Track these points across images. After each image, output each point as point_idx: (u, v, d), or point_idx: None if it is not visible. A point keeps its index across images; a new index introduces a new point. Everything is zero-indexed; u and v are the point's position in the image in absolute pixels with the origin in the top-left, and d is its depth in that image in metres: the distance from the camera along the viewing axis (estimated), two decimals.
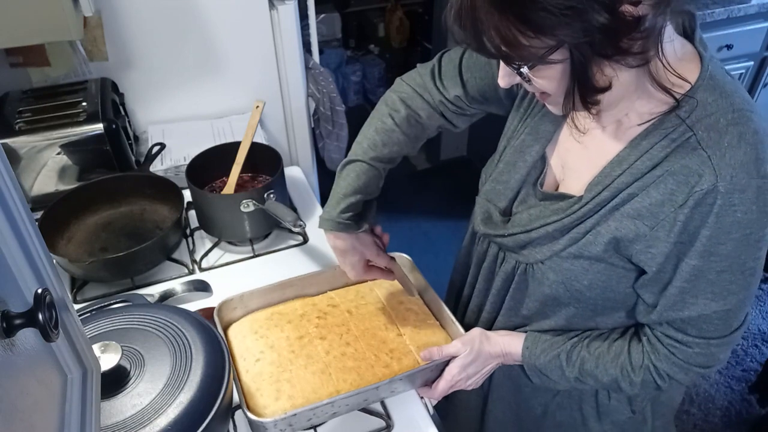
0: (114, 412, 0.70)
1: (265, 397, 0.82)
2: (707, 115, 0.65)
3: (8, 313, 0.38)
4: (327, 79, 1.79)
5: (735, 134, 0.64)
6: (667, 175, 0.67)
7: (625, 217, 0.70)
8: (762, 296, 2.41)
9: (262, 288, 0.97)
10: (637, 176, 0.69)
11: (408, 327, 0.94)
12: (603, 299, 0.78)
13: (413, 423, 0.92)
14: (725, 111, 0.65)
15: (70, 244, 1.22)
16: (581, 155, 0.78)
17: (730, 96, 0.66)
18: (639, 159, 0.69)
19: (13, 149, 1.26)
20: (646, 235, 0.69)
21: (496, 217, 0.86)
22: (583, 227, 0.74)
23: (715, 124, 0.65)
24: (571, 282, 0.77)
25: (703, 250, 0.66)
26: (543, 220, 0.78)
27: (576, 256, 0.75)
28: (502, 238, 0.83)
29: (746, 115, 0.65)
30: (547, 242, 0.78)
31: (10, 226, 0.41)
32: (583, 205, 0.73)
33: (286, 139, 1.81)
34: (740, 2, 2.40)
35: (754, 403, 2.02)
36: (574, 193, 0.77)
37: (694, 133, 0.65)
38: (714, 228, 0.65)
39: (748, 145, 0.63)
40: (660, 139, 0.67)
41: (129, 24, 1.48)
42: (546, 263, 0.79)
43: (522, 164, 0.83)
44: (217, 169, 1.31)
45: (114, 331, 0.81)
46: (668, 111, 0.67)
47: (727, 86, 0.67)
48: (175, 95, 1.63)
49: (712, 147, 0.64)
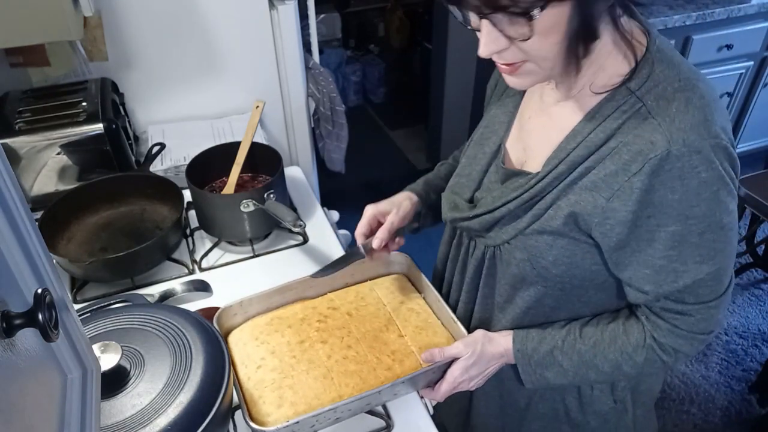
0: (114, 412, 0.70)
1: (267, 404, 0.82)
2: (655, 85, 0.68)
3: (8, 313, 0.38)
4: (327, 79, 1.79)
5: (682, 100, 0.66)
6: (621, 146, 0.68)
7: (583, 190, 0.72)
8: (762, 296, 2.41)
9: (262, 293, 0.96)
10: (592, 149, 0.71)
11: (409, 328, 0.94)
12: (570, 276, 0.79)
13: (413, 423, 0.92)
14: (672, 80, 0.68)
15: (70, 244, 1.22)
16: (541, 134, 0.80)
17: (677, 66, 0.69)
18: (593, 131, 0.71)
19: (13, 149, 1.26)
20: (603, 206, 0.70)
21: (462, 205, 0.88)
22: (544, 203, 0.76)
23: (663, 92, 0.68)
24: (537, 259, 0.78)
25: (677, 214, 0.68)
26: (504, 198, 0.79)
27: (539, 232, 0.77)
28: (468, 221, 0.85)
29: (692, 82, 0.68)
30: (511, 221, 0.80)
31: (10, 226, 0.41)
32: (540, 179, 0.75)
33: (286, 139, 1.81)
34: (740, 2, 2.40)
35: (754, 403, 2.02)
36: (535, 171, 0.79)
37: (643, 104, 0.68)
38: (681, 192, 0.66)
39: (696, 109, 0.66)
40: (612, 111, 0.70)
41: (129, 24, 1.48)
42: (512, 243, 0.80)
43: (482, 156, 0.88)
44: (217, 169, 1.31)
45: (114, 331, 0.81)
46: (621, 83, 0.69)
47: (675, 58, 0.70)
48: (175, 95, 1.63)
49: (662, 114, 0.66)
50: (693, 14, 2.32)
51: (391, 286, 1.02)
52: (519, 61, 0.68)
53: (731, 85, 2.62)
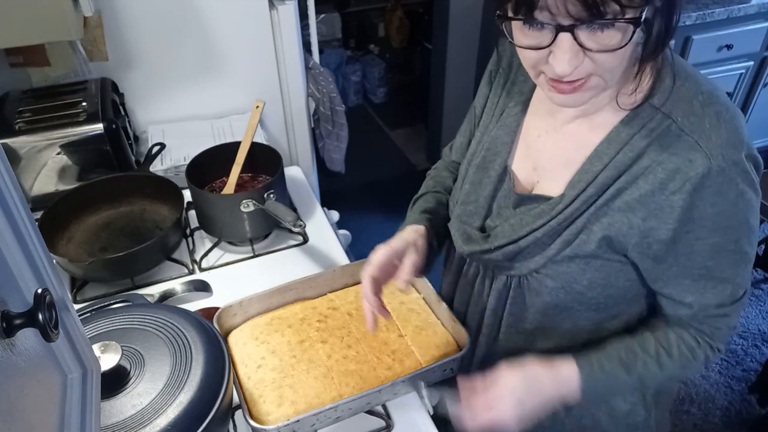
0: (114, 412, 0.70)
1: (267, 403, 0.82)
2: (680, 99, 0.67)
3: (8, 313, 0.38)
4: (327, 79, 1.79)
5: (713, 115, 0.66)
6: (655, 165, 0.67)
7: (617, 211, 0.70)
8: (762, 296, 2.41)
9: (262, 293, 0.96)
10: (622, 170, 0.69)
11: (409, 327, 0.94)
12: (605, 296, 0.77)
13: (413, 423, 0.92)
14: (695, 93, 0.67)
15: (70, 244, 1.22)
16: (555, 153, 0.77)
17: (693, 77, 0.68)
18: (620, 151, 0.69)
19: (13, 149, 1.26)
20: (640, 226, 0.69)
21: (476, 235, 0.84)
22: (575, 227, 0.73)
23: (690, 107, 0.66)
24: (571, 285, 0.76)
25: (716, 227, 0.67)
26: (529, 227, 0.76)
27: (571, 258, 0.74)
28: (489, 253, 0.80)
29: (714, 94, 0.67)
30: (538, 250, 0.76)
31: (10, 226, 0.41)
32: (567, 204, 0.72)
33: (286, 139, 1.81)
34: (740, 2, 2.40)
35: (754, 403, 2.02)
36: (552, 194, 0.76)
37: (673, 120, 0.66)
38: (722, 205, 0.66)
39: (726, 122, 0.65)
40: (638, 129, 0.68)
41: (129, 24, 1.48)
42: (541, 271, 0.77)
43: (487, 180, 0.83)
44: (217, 169, 1.31)
45: (114, 331, 0.81)
46: (643, 100, 0.68)
47: (688, 68, 0.70)
48: (175, 95, 1.63)
49: (697, 131, 0.65)
50: (693, 14, 2.32)
51: (391, 286, 1.02)
52: (585, 77, 0.63)
53: (731, 85, 2.62)
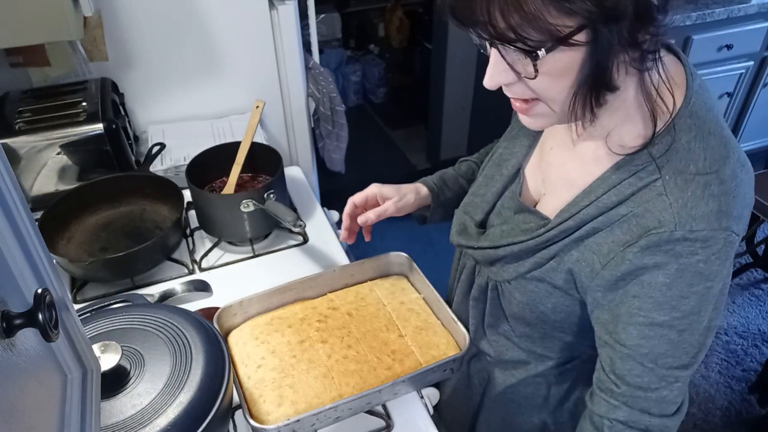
0: (114, 412, 0.70)
1: (267, 403, 0.82)
2: (678, 157, 0.63)
3: (8, 313, 0.38)
4: (327, 79, 1.79)
5: (700, 184, 0.62)
6: (631, 216, 0.65)
7: (587, 250, 0.69)
8: (762, 296, 2.41)
9: (262, 293, 0.96)
10: (602, 210, 0.67)
11: (409, 328, 0.94)
12: (569, 324, 0.78)
13: (413, 423, 0.92)
14: (697, 157, 0.63)
15: (70, 244, 1.22)
16: (561, 172, 0.76)
17: (706, 138, 0.63)
18: (606, 193, 0.67)
19: (13, 149, 1.26)
20: (598, 272, 0.68)
21: (471, 229, 0.86)
22: (548, 252, 0.73)
23: (684, 169, 0.63)
24: (536, 304, 0.77)
25: (663, 302, 0.64)
26: (511, 239, 0.77)
27: (539, 280, 0.75)
28: (473, 250, 0.84)
29: (718, 164, 0.62)
30: (513, 261, 0.78)
31: (10, 226, 0.41)
32: (549, 230, 0.72)
33: (286, 139, 1.81)
34: (740, 2, 2.40)
35: (754, 403, 2.02)
36: (548, 214, 0.76)
37: (660, 176, 0.63)
38: (674, 277, 0.62)
39: (712, 197, 0.61)
40: (629, 175, 0.66)
41: (129, 24, 1.48)
42: (512, 283, 0.79)
43: (499, 177, 0.85)
44: (217, 169, 1.31)
45: (114, 331, 0.81)
46: (642, 147, 0.64)
47: (707, 125, 0.64)
48: (175, 95, 1.63)
49: (675, 194, 0.62)
50: (693, 14, 2.32)
51: (391, 287, 1.02)
52: (530, 99, 0.65)
53: (731, 85, 2.62)
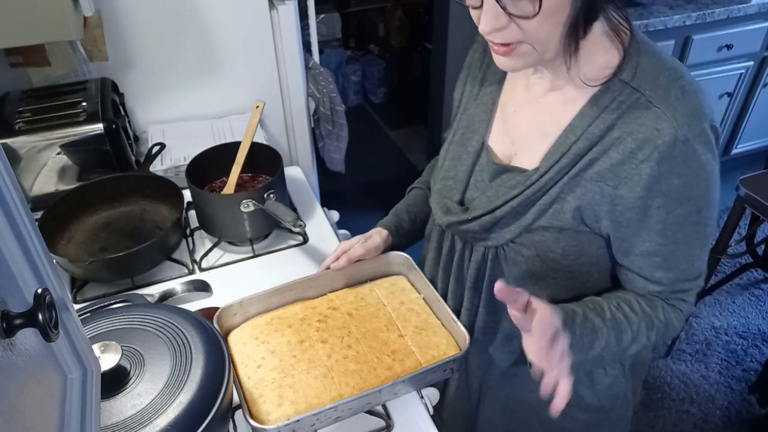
0: (114, 412, 0.70)
1: (267, 403, 0.82)
2: (647, 75, 0.70)
3: (8, 313, 0.38)
4: (327, 79, 1.79)
5: (678, 88, 0.69)
6: (625, 135, 0.70)
7: (589, 181, 0.73)
8: (762, 296, 2.41)
9: (262, 293, 0.96)
10: (594, 141, 0.72)
11: (409, 328, 0.94)
12: (579, 264, 0.80)
13: (413, 423, 0.92)
14: (661, 69, 0.71)
15: (70, 244, 1.22)
16: (532, 127, 0.79)
17: (659, 54, 0.72)
18: (592, 124, 0.72)
19: (13, 149, 1.26)
20: (611, 194, 0.72)
21: (455, 207, 0.88)
22: (548, 197, 0.76)
23: (656, 81, 0.70)
24: (546, 253, 0.79)
25: (681, 198, 0.70)
26: (504, 197, 0.79)
27: (545, 228, 0.77)
28: (467, 223, 0.84)
29: (679, 70, 0.71)
30: (514, 219, 0.80)
31: (10, 226, 0.41)
32: (542, 175, 0.75)
33: (286, 139, 1.81)
34: (740, 2, 2.40)
35: (754, 403, 2.02)
36: (528, 167, 0.78)
37: (642, 93, 0.70)
38: (687, 176, 0.69)
39: (690, 95, 0.69)
40: (609, 102, 0.71)
41: (129, 24, 1.48)
42: (517, 241, 0.80)
43: (466, 156, 0.87)
44: (217, 169, 1.31)
45: (114, 331, 0.81)
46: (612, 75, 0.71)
47: (654, 46, 0.74)
48: (175, 95, 1.63)
49: (663, 103, 0.69)
50: (693, 14, 2.32)
51: (391, 287, 1.02)
52: (515, 42, 0.67)
53: (731, 85, 2.62)
